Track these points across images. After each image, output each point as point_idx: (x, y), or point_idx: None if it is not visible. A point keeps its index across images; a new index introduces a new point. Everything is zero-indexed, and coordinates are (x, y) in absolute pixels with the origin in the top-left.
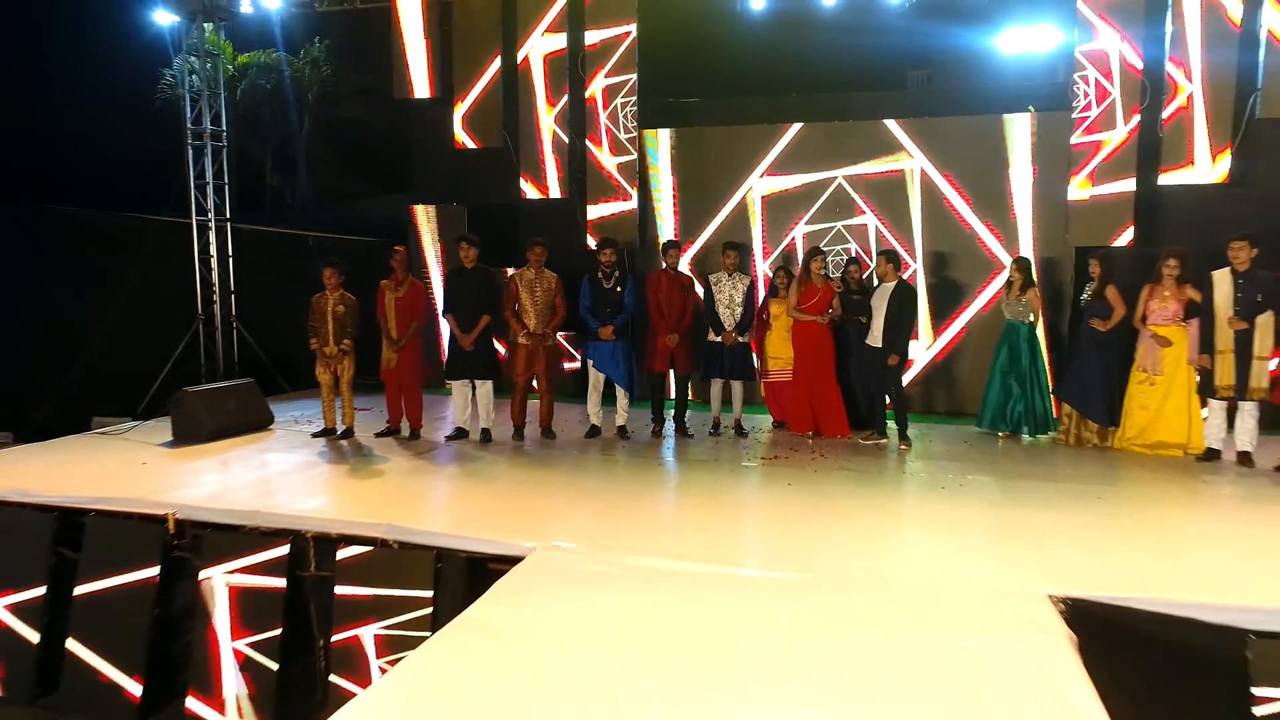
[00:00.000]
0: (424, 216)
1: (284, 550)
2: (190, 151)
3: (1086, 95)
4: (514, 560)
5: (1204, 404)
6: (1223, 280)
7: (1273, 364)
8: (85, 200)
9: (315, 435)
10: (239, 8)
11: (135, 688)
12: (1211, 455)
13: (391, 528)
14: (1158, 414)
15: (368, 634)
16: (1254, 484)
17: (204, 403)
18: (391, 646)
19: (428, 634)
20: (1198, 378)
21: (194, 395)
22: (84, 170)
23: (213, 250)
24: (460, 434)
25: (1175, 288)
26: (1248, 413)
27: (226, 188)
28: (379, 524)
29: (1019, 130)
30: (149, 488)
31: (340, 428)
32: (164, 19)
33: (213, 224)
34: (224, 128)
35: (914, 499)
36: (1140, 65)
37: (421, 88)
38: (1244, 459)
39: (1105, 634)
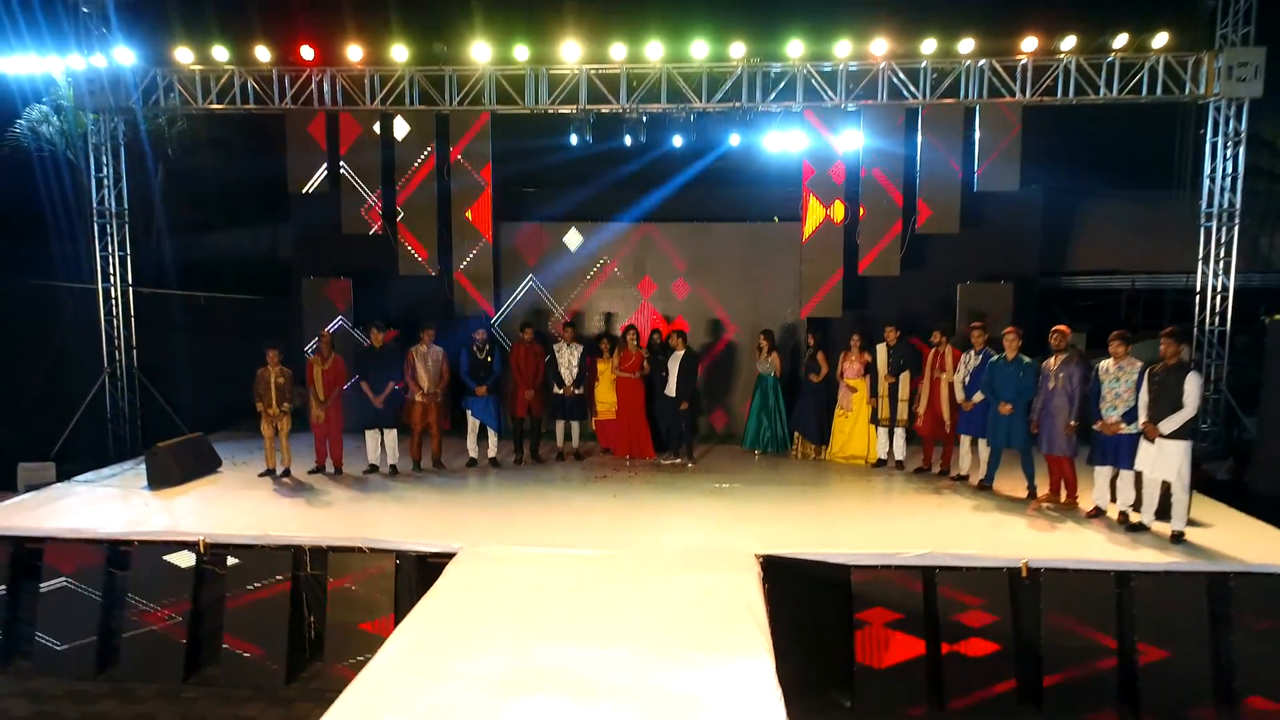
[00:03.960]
0: (313, 288)
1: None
2: (96, 228)
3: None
4: (448, 554)
5: (877, 429)
6: (881, 350)
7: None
8: None
9: (261, 475)
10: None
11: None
12: (880, 463)
13: (367, 539)
14: (849, 436)
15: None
16: (895, 480)
17: (174, 454)
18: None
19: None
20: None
21: (165, 449)
22: None
23: (117, 312)
24: (373, 469)
25: (858, 354)
26: (899, 435)
27: (128, 258)
28: (354, 538)
29: (771, 231)
30: (167, 521)
31: (280, 468)
32: (10, 68)
33: (116, 288)
34: (125, 206)
35: (690, 500)
36: (843, 191)
37: (315, 183)
38: (899, 465)
39: (783, 572)
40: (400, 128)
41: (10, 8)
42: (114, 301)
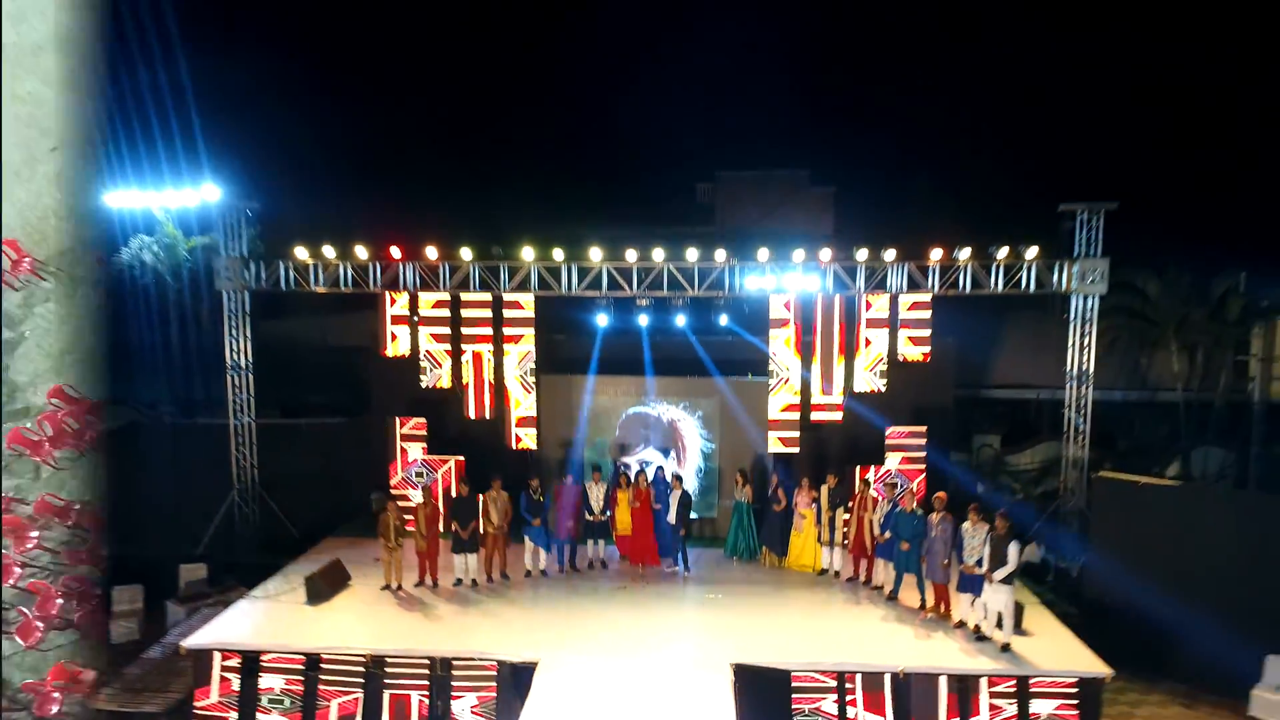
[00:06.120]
0: (394, 426)
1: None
2: (229, 375)
3: (777, 361)
4: (531, 663)
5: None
6: (824, 490)
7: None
8: None
9: (382, 589)
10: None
11: None
12: (824, 572)
13: (479, 652)
14: (802, 550)
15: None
16: (834, 590)
17: (324, 579)
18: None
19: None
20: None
21: (319, 576)
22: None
23: (244, 440)
24: (459, 582)
25: (807, 491)
26: (837, 552)
27: (252, 400)
28: (473, 650)
29: (746, 384)
30: (340, 638)
31: (395, 584)
32: (122, 202)
33: (245, 422)
34: (251, 359)
35: (687, 610)
36: (799, 357)
37: (399, 349)
38: (836, 574)
39: (752, 678)
40: (466, 304)
41: (121, 155)
42: (242, 435)
